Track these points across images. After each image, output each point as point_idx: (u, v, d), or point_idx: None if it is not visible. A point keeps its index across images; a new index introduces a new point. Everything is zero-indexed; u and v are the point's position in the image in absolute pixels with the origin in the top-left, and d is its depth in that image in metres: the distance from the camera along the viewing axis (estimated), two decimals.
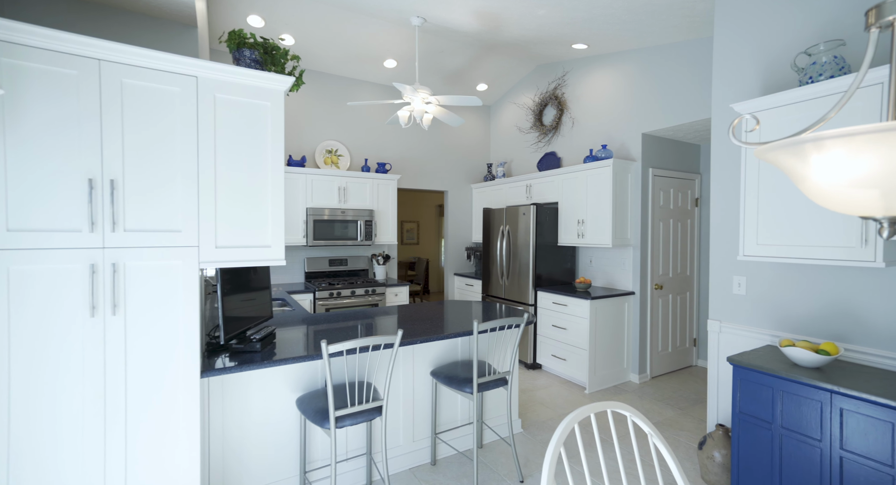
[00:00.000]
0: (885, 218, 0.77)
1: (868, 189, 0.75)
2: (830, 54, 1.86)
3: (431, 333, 2.29)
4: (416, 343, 2.16)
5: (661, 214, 4.05)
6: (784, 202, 1.96)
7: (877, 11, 0.81)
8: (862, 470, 1.63)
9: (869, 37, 0.80)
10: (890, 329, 1.86)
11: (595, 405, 1.17)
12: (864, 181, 0.72)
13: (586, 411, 1.14)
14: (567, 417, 1.11)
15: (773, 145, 0.77)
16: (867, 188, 0.76)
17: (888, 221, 0.77)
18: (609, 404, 1.18)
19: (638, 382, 3.91)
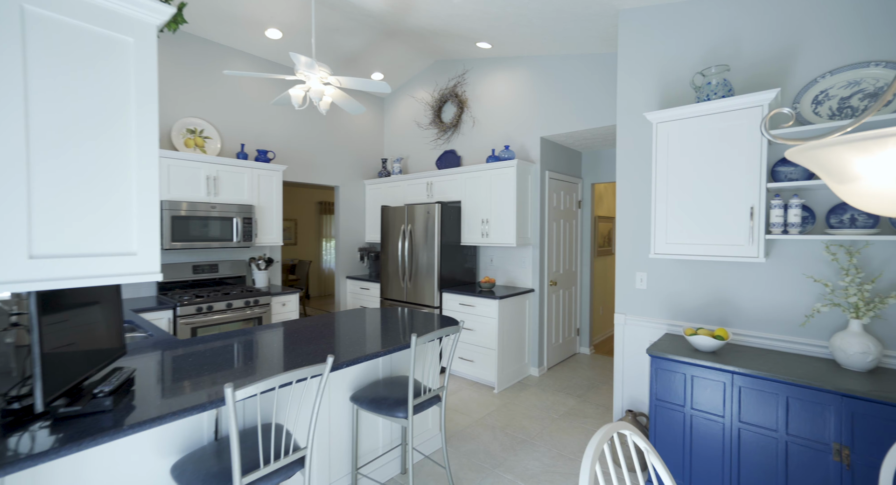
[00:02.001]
0: None
1: None
2: (721, 77, 2.11)
3: (355, 352, 1.91)
4: (342, 368, 1.76)
5: (554, 215, 4.32)
6: (688, 206, 2.17)
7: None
8: (754, 437, 1.87)
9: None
10: (757, 313, 2.22)
11: (607, 430, 1.03)
12: None
13: (605, 437, 0.99)
14: (591, 447, 0.93)
15: (830, 140, 0.70)
16: None
17: None
18: (616, 427, 1.05)
19: (538, 375, 4.10)
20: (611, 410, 3.31)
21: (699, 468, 2.02)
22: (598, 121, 3.58)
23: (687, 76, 2.43)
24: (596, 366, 4.44)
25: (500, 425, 3.01)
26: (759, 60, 2.21)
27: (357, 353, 1.91)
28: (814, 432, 1.74)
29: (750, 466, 1.88)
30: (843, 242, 1.98)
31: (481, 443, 2.76)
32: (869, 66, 1.91)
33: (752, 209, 1.97)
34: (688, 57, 2.43)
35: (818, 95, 2.03)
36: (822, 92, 2.02)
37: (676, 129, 2.18)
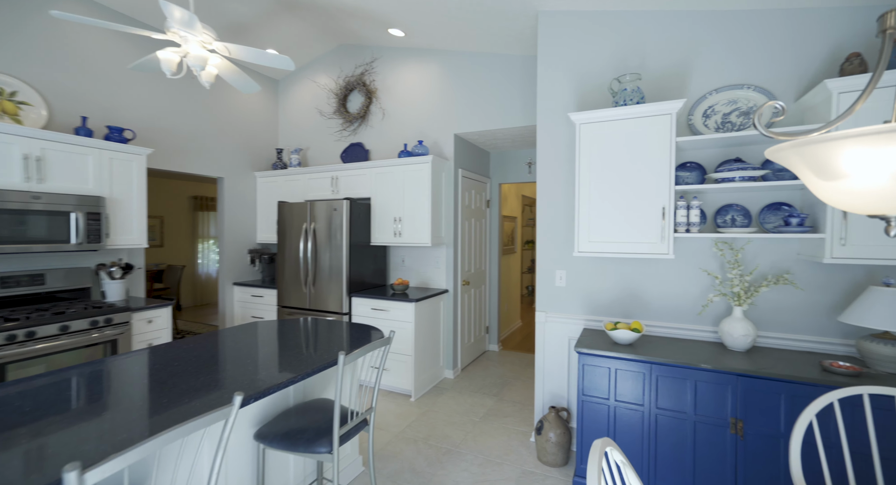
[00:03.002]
0: (893, 218, 0.80)
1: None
2: (635, 84, 2.25)
3: (264, 379, 1.54)
4: (249, 403, 1.38)
5: (466, 214, 4.30)
6: (609, 206, 2.27)
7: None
8: (669, 421, 2.02)
9: None
10: (663, 304, 2.43)
11: (601, 446, 0.92)
12: None
13: (600, 454, 0.87)
14: (593, 469, 0.80)
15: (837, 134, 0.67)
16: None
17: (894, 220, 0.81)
18: (605, 443, 0.95)
19: (453, 377, 4.03)
20: (527, 407, 3.38)
21: None
22: (511, 121, 3.64)
23: (600, 81, 2.56)
24: (505, 362, 4.55)
25: (422, 437, 2.83)
26: (662, 74, 2.42)
27: (267, 380, 1.54)
28: (716, 411, 1.93)
29: (665, 447, 2.02)
30: (727, 240, 2.26)
31: (405, 460, 2.54)
32: (743, 88, 2.21)
33: (664, 209, 2.13)
34: (602, 63, 2.56)
35: (706, 110, 2.29)
36: (710, 107, 2.28)
37: (598, 131, 2.27)
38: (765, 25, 2.20)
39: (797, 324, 2.15)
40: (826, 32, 2.08)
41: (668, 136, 2.11)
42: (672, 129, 2.10)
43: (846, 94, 1.80)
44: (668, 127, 2.11)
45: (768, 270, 2.21)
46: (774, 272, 2.19)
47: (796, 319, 2.16)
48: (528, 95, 3.54)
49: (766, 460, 1.85)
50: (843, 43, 2.05)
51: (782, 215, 2.14)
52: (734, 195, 2.26)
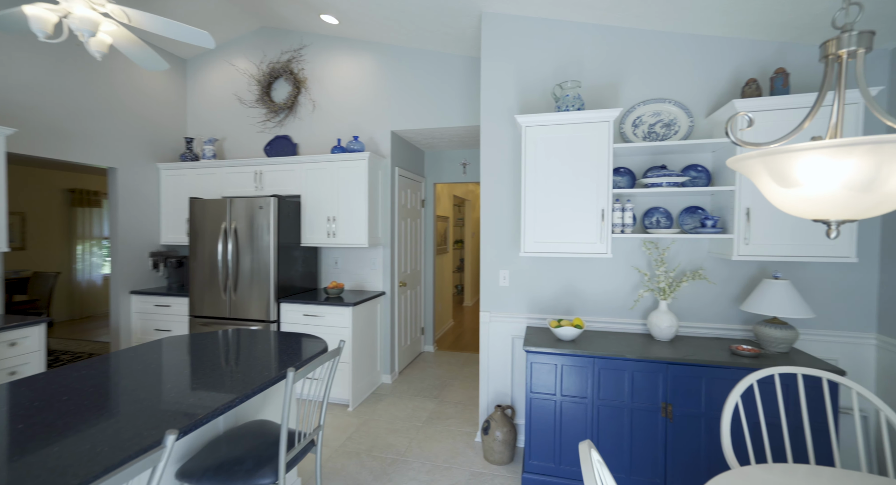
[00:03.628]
0: (833, 222, 0.91)
1: (829, 199, 0.85)
2: (576, 91, 2.36)
3: (194, 406, 1.30)
4: (178, 438, 1.15)
5: (402, 213, 4.19)
6: (554, 207, 2.34)
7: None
8: (610, 411, 2.15)
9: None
10: (599, 300, 2.59)
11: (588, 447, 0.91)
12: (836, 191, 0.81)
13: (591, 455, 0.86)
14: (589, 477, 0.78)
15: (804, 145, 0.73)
16: (828, 199, 0.86)
17: (835, 224, 0.91)
18: (588, 444, 0.94)
19: (390, 382, 3.90)
20: (469, 407, 3.39)
21: (567, 447, 2.20)
22: (450, 121, 3.62)
23: (543, 86, 2.64)
24: (442, 363, 4.54)
25: (364, 449, 2.68)
26: (598, 83, 2.58)
27: (198, 406, 1.31)
28: (649, 397, 2.10)
29: (607, 435, 2.15)
30: (654, 240, 2.48)
31: (349, 476, 2.38)
32: (665, 102, 2.45)
33: (603, 211, 2.26)
34: (544, 69, 2.65)
35: (635, 120, 2.48)
36: (638, 117, 2.48)
37: (542, 134, 2.33)
38: (681, 47, 2.45)
39: (709, 314, 2.44)
40: (729, 58, 2.38)
41: (606, 142, 2.25)
42: (610, 135, 2.24)
43: (751, 114, 2.07)
44: (606, 134, 2.25)
45: (687, 266, 2.47)
46: (692, 269, 2.46)
47: (709, 309, 2.44)
48: (468, 96, 3.55)
49: (690, 436, 2.05)
50: (743, 69, 2.36)
51: (699, 218, 2.40)
52: (659, 199, 2.49)
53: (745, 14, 2.15)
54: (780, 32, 2.23)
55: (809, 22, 2.10)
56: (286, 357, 1.84)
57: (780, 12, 2.08)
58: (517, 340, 2.72)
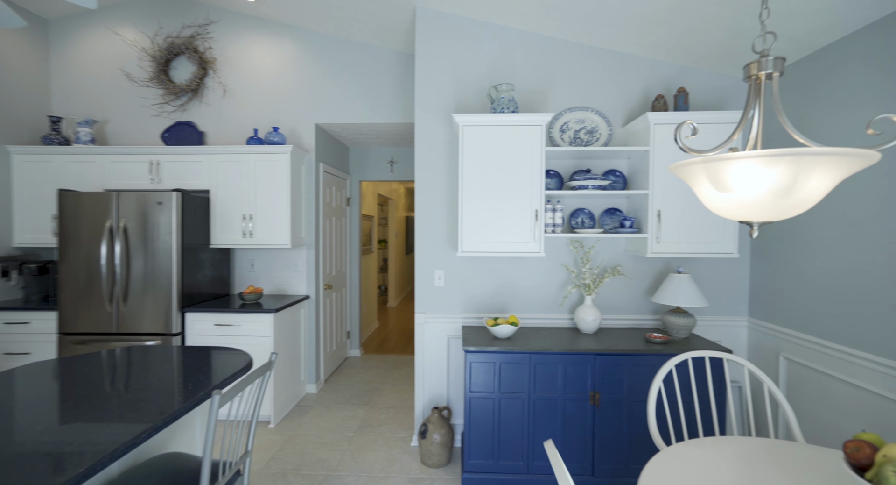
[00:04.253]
0: (755, 223, 1.02)
1: (756, 202, 0.96)
2: (510, 94, 2.42)
3: (80, 451, 1.04)
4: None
5: (327, 212, 3.96)
6: (490, 207, 2.37)
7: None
8: (545, 404, 2.24)
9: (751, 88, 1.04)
10: (531, 297, 2.69)
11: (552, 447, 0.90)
12: (762, 195, 0.92)
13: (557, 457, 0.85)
14: None
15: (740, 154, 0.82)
16: (753, 202, 0.97)
17: (756, 225, 1.02)
18: (550, 442, 0.94)
19: (316, 391, 3.65)
20: (401, 410, 3.31)
21: (506, 443, 2.24)
22: (380, 116, 3.49)
23: (478, 86, 2.67)
24: (370, 367, 4.38)
25: (292, 468, 2.46)
26: (529, 88, 2.67)
27: (90, 448, 1.05)
28: (579, 388, 2.23)
29: (542, 427, 2.24)
30: (580, 239, 2.64)
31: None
32: (588, 111, 2.63)
33: (537, 212, 2.34)
34: (479, 70, 2.67)
35: (562, 125, 2.63)
36: (565, 123, 2.63)
37: (480, 134, 2.35)
38: (603, 61, 2.65)
39: (627, 306, 2.68)
40: (642, 75, 2.64)
41: (539, 145, 2.34)
42: (542, 139, 2.33)
43: (660, 126, 2.31)
44: (539, 137, 2.33)
45: (608, 263, 2.68)
46: (611, 265, 2.68)
47: (626, 302, 2.68)
48: (400, 92, 3.46)
49: (614, 420, 2.23)
50: (653, 85, 2.63)
51: (618, 219, 2.62)
52: (584, 201, 2.66)
53: (653, 36, 2.39)
54: (681, 56, 2.53)
55: (704, 50, 2.41)
56: (202, 377, 1.60)
57: (681, 38, 2.35)
58: (453, 340, 2.71)
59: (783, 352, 2.34)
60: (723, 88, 2.60)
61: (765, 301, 2.50)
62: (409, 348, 5.08)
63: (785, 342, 2.33)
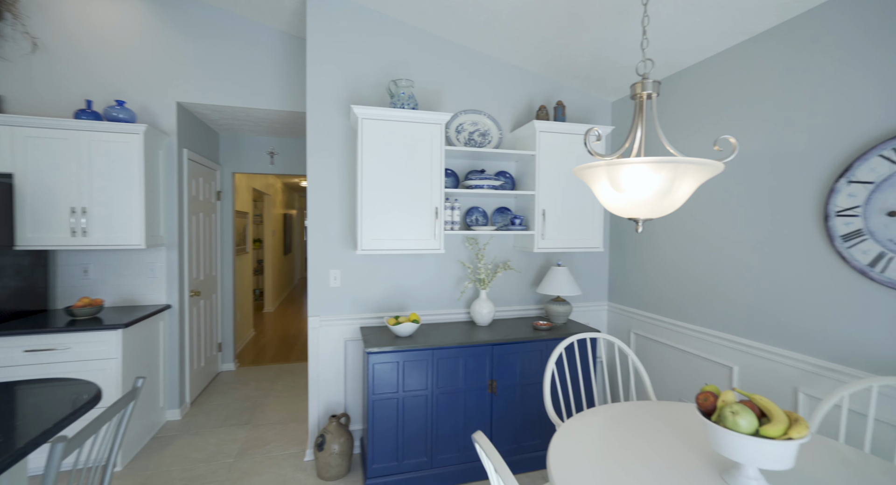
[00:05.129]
0: (640, 219, 1.19)
1: (642, 201, 1.13)
2: (410, 91, 2.39)
3: None
4: None
5: (193, 207, 3.39)
6: (390, 205, 2.31)
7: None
8: (447, 397, 2.29)
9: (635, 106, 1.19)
10: (430, 294, 2.72)
11: (485, 441, 0.91)
12: (648, 196, 1.09)
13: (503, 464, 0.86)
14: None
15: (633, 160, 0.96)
16: (640, 202, 1.13)
17: (640, 221, 1.20)
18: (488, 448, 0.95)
19: (180, 417, 3.10)
20: (290, 424, 3.02)
21: (410, 441, 2.22)
22: (262, 101, 3.12)
23: (375, 79, 2.58)
24: (248, 381, 3.91)
25: None
26: (427, 87, 2.68)
27: None
28: (478, 378, 2.34)
29: (444, 420, 2.28)
30: (475, 236, 2.77)
31: None
32: (481, 114, 2.77)
33: (437, 210, 2.37)
34: (377, 64, 2.58)
35: (458, 126, 2.72)
36: (460, 124, 2.72)
37: (380, 128, 2.27)
38: (496, 68, 2.81)
39: (516, 298, 2.90)
40: (528, 86, 2.88)
41: (439, 143, 2.37)
42: (442, 137, 2.37)
43: (544, 133, 2.55)
44: (439, 135, 2.37)
45: (499, 259, 2.86)
46: (502, 261, 2.87)
47: (515, 294, 2.90)
48: (286, 77, 3.14)
49: (509, 404, 2.39)
50: (536, 96, 2.90)
51: (508, 217, 2.81)
52: (478, 200, 2.79)
53: (537, 53, 2.64)
54: (559, 74, 2.84)
55: (575, 71, 2.75)
56: (18, 423, 1.20)
57: (559, 57, 2.65)
58: (350, 343, 2.59)
59: (633, 329, 2.82)
60: (588, 106, 3.01)
61: (619, 288, 2.98)
62: (294, 356, 4.69)
63: (634, 320, 2.81)
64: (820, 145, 1.72)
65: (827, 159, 1.70)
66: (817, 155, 1.73)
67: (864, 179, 1.57)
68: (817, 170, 1.73)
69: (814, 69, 1.75)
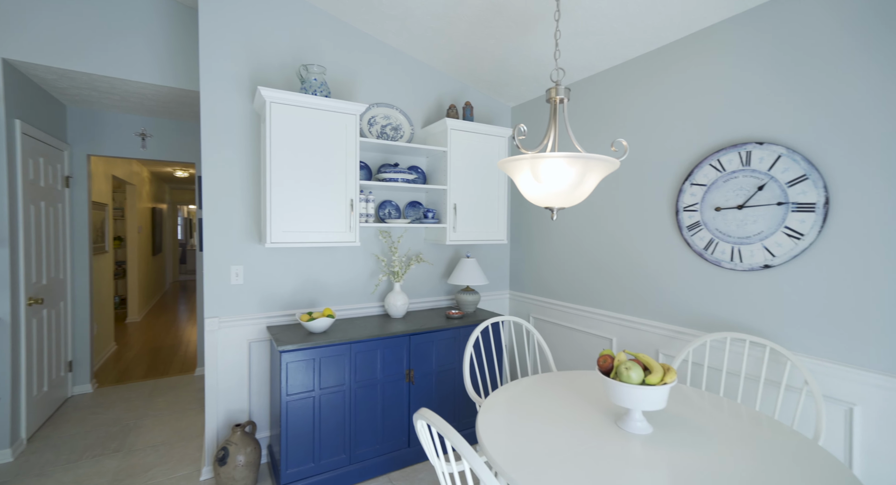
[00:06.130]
0: (555, 208, 1.36)
1: (555, 191, 1.31)
2: (322, 78, 2.30)
3: None
4: None
5: (32, 194, 2.74)
6: (303, 196, 2.19)
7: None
8: (365, 391, 2.27)
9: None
10: (344, 288, 2.64)
11: (423, 420, 0.96)
12: (560, 188, 1.26)
13: None
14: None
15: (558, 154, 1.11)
16: (554, 191, 1.31)
17: (555, 210, 1.37)
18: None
19: (13, 458, 2.49)
20: (179, 443, 2.65)
21: (327, 440, 2.15)
22: (130, 71, 2.66)
23: (279, 60, 2.40)
24: (114, 402, 3.31)
25: None
26: (338, 76, 2.60)
27: None
28: (396, 368, 2.36)
29: (363, 414, 2.25)
30: (389, 229, 2.77)
31: None
32: (393, 108, 2.79)
33: (352, 202, 2.32)
34: (284, 45, 2.40)
35: (371, 119, 2.70)
36: (373, 117, 2.70)
37: (291, 114, 2.13)
38: (408, 65, 2.85)
39: (428, 290, 2.99)
40: (439, 85, 2.99)
41: (354, 134, 2.32)
42: (357, 128, 2.33)
43: (455, 131, 2.68)
44: (354, 126, 2.32)
45: (412, 252, 2.92)
46: (415, 254, 2.93)
47: (428, 286, 2.99)
48: (166, 48, 2.72)
49: (426, 391, 2.47)
50: (446, 95, 3.02)
51: (421, 211, 2.88)
52: (391, 193, 2.81)
53: (447, 54, 2.76)
54: (467, 76, 3.01)
55: (481, 74, 2.94)
56: None
57: (467, 60, 2.81)
58: (256, 344, 2.38)
59: (532, 313, 3.14)
60: (492, 109, 3.24)
61: (519, 277, 3.29)
62: (173, 369, 4.10)
63: (532, 306, 3.13)
64: (673, 155, 2.16)
65: (677, 166, 2.14)
66: (671, 163, 2.17)
67: (700, 182, 2.02)
68: (671, 174, 2.17)
69: (665, 96, 2.18)
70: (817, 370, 1.63)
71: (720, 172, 1.94)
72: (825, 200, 1.61)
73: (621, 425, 1.36)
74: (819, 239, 1.64)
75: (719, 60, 1.95)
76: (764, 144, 1.77)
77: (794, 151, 1.68)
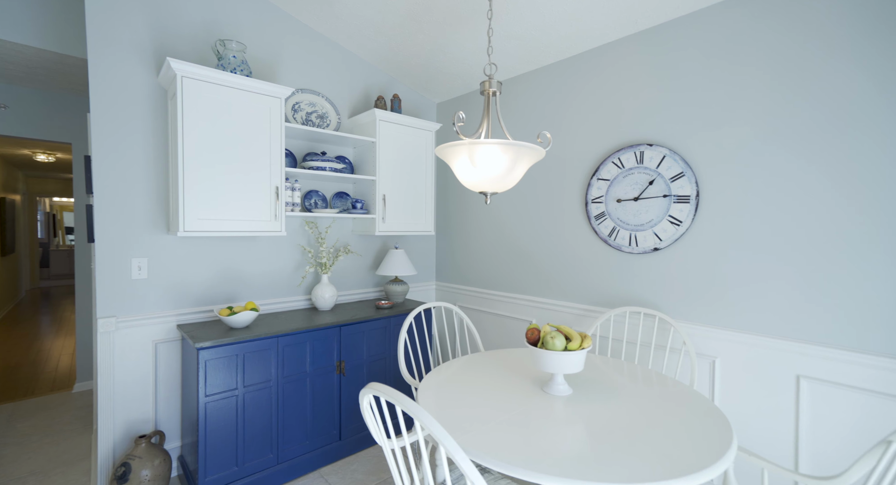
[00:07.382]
0: (489, 193, 1.47)
1: (488, 177, 1.42)
2: (242, 56, 2.14)
3: None
4: None
5: None
6: (220, 181, 2.02)
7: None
8: (294, 385, 2.18)
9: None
10: (267, 281, 2.49)
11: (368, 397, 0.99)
12: (491, 174, 1.38)
13: None
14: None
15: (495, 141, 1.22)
16: (487, 177, 1.42)
17: (489, 194, 1.48)
18: None
19: None
20: (59, 468, 2.27)
21: (252, 440, 2.02)
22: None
23: (190, 31, 2.18)
24: None
25: None
26: (258, 57, 2.43)
27: None
28: (327, 361, 2.31)
29: (291, 410, 2.16)
30: (316, 219, 2.68)
31: None
32: (319, 96, 2.70)
33: (278, 189, 2.21)
34: (194, 17, 2.18)
35: (295, 105, 2.58)
36: (297, 103, 2.59)
37: (210, 93, 1.95)
38: (335, 52, 2.78)
39: (356, 281, 2.95)
40: (366, 75, 2.96)
41: (279, 118, 2.21)
42: (282, 112, 2.22)
43: (384, 122, 2.69)
44: (280, 109, 2.21)
45: (339, 243, 2.85)
46: (342, 245, 2.87)
47: (356, 278, 2.94)
48: (48, 5, 2.29)
49: (358, 382, 2.45)
50: (374, 87, 3.01)
51: (348, 201, 2.83)
52: (318, 183, 2.71)
53: (375, 44, 2.75)
54: (394, 69, 3.02)
55: (409, 69, 2.99)
56: None
57: (396, 53, 2.83)
58: (164, 345, 2.14)
59: (458, 302, 3.28)
60: (418, 103, 3.31)
61: (445, 267, 3.41)
62: (39, 388, 3.46)
63: (458, 294, 3.27)
64: (584, 153, 2.44)
65: (587, 162, 2.42)
66: (582, 159, 2.44)
67: (605, 177, 2.32)
68: (582, 169, 2.44)
69: (577, 100, 2.45)
70: (692, 333, 1.99)
71: (620, 168, 2.24)
72: (696, 193, 1.96)
73: (546, 390, 1.52)
74: (693, 225, 2.00)
75: (619, 73, 2.26)
76: (653, 145, 2.10)
77: (674, 152, 2.03)
